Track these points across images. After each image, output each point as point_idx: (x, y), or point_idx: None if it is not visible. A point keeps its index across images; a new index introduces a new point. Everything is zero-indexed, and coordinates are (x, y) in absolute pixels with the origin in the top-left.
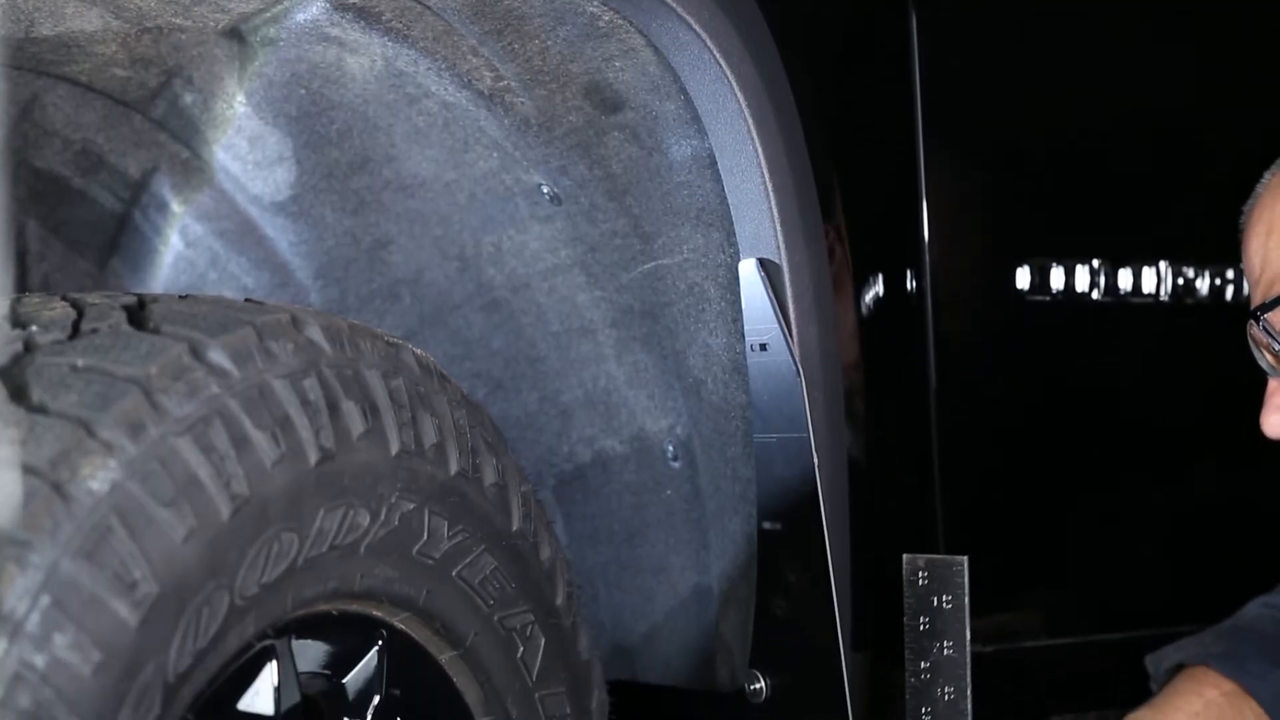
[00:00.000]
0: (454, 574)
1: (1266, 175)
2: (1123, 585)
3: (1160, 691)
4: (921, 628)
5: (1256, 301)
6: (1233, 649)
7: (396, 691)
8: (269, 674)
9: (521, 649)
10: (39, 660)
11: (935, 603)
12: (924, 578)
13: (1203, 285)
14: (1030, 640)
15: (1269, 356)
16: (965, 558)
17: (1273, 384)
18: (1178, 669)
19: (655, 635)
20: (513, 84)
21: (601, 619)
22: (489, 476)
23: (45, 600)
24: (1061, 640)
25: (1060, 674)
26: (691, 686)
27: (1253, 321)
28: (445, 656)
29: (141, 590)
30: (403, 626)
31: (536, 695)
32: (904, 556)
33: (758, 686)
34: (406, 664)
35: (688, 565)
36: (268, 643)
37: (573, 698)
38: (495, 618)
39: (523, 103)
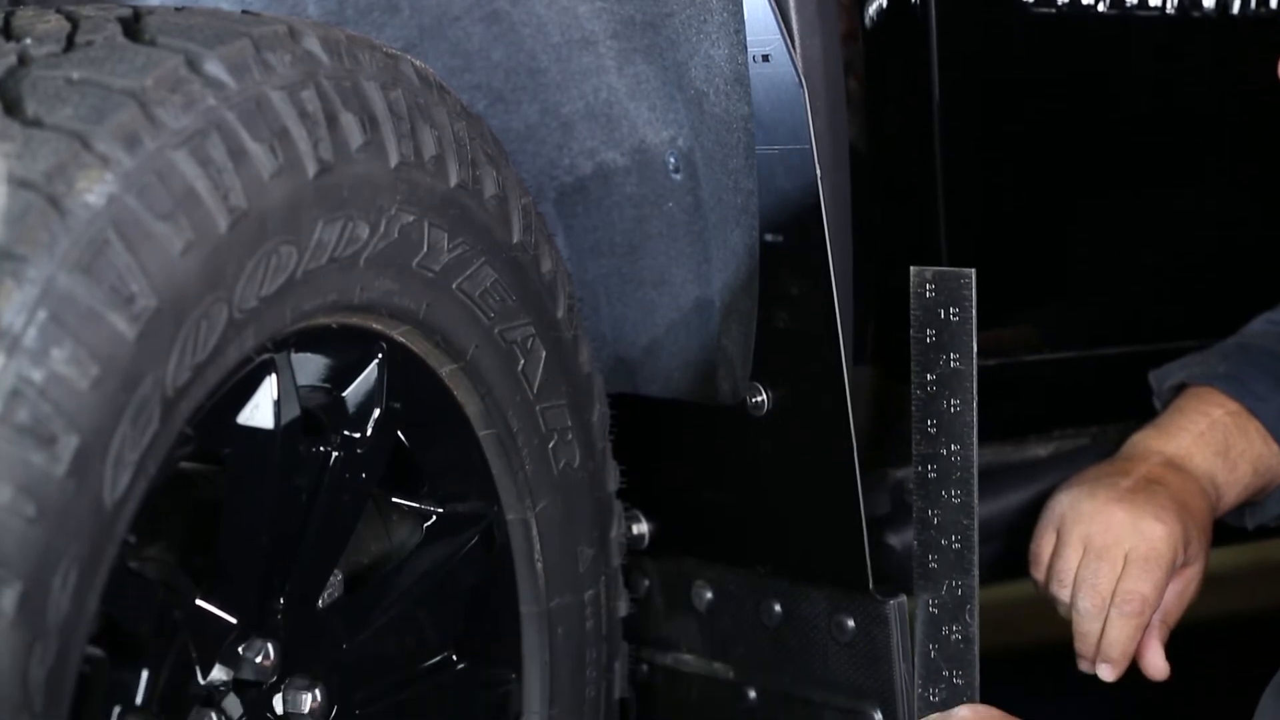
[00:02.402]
0: (454, 286)
1: None
2: (1126, 299)
3: (1165, 411)
4: (928, 340)
5: None
6: (1236, 369)
7: (396, 404)
8: (268, 387)
9: (522, 362)
10: (37, 375)
11: (942, 315)
12: (931, 290)
13: None
14: (1032, 354)
15: None
16: (973, 270)
17: None
18: (1181, 388)
19: (656, 348)
20: None
21: (602, 331)
22: (489, 189)
23: (42, 315)
24: (1063, 354)
25: (1062, 388)
26: (693, 399)
27: None
28: (446, 369)
29: (139, 304)
30: (403, 339)
31: (537, 408)
32: (911, 269)
33: (759, 399)
34: (406, 377)
35: (689, 278)
36: (267, 356)
37: (574, 410)
38: (496, 330)
39: None
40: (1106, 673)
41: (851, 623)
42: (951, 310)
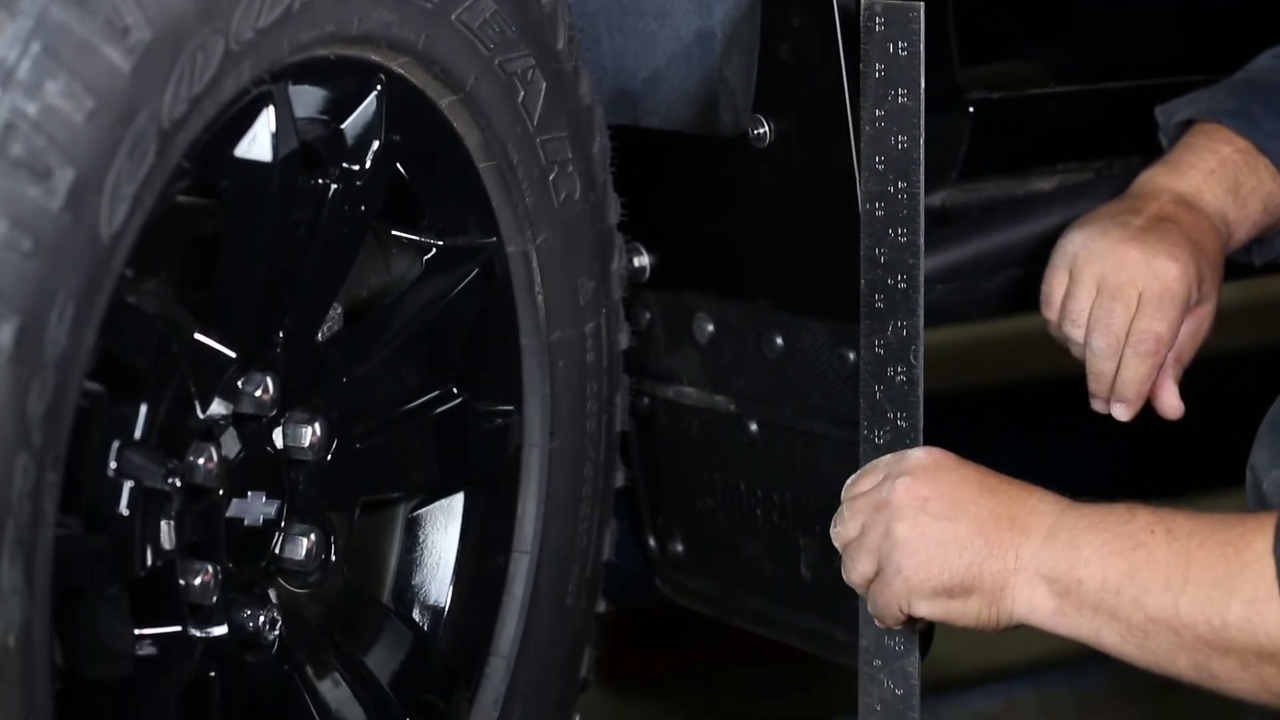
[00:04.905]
0: (453, 17)
1: None
2: (1130, 33)
3: (1174, 148)
4: (877, 75)
5: None
6: (1245, 106)
7: (396, 137)
8: (266, 120)
9: (522, 93)
10: (31, 108)
11: (891, 50)
12: (880, 23)
13: None
14: (1035, 87)
15: None
16: (922, 4)
17: None
18: (1188, 124)
19: (657, 79)
20: None
21: (603, 63)
22: None
23: (36, 47)
24: (1067, 88)
25: (1066, 122)
26: (694, 131)
27: None
28: (445, 101)
29: (134, 36)
30: (402, 71)
31: (537, 140)
32: (861, 1)
33: (761, 131)
34: (406, 109)
35: (691, 9)
36: (264, 88)
37: (574, 142)
38: (495, 62)
39: None
40: (1121, 412)
41: (853, 355)
42: (900, 45)
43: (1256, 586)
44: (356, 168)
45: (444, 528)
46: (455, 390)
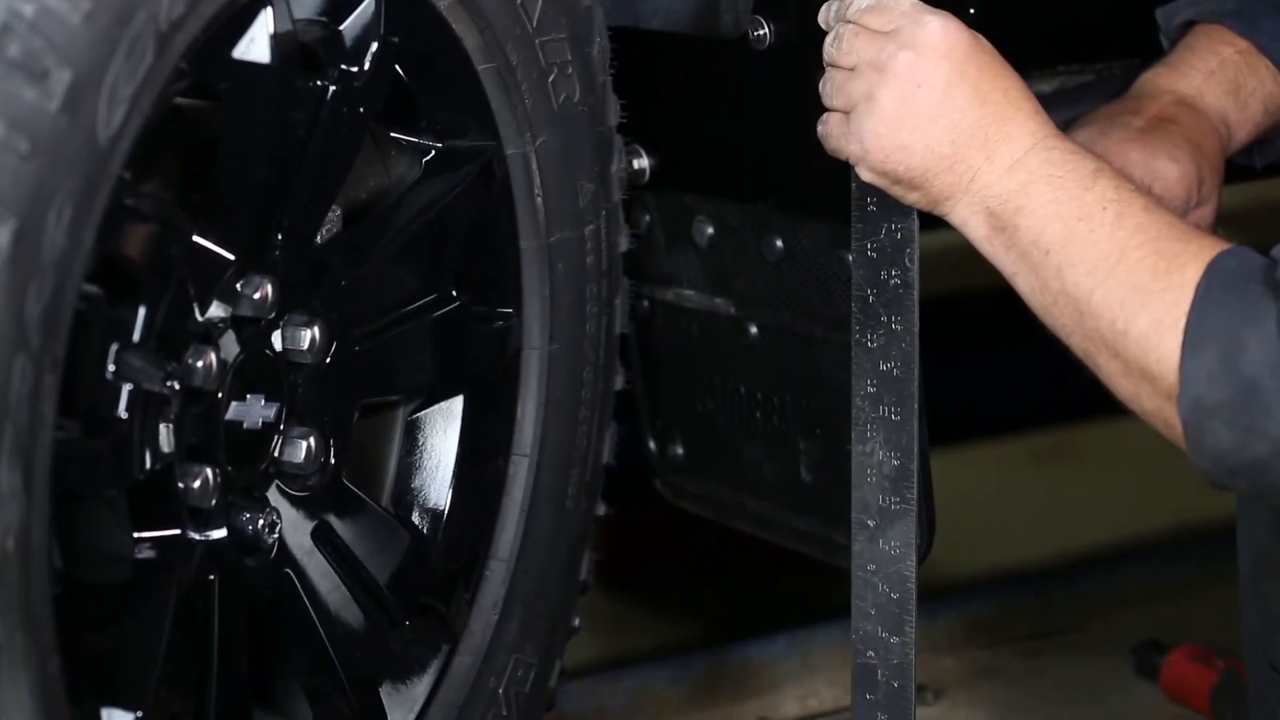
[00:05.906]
0: None
1: None
2: None
3: (1174, 50)
4: None
5: None
6: (1246, 6)
7: (395, 39)
8: (264, 21)
9: None
10: (28, 9)
11: None
12: None
13: None
14: None
15: None
16: None
17: None
18: (1189, 25)
19: None
20: None
21: None
22: None
23: None
24: None
25: (1065, 24)
26: (694, 32)
27: None
28: (444, 2)
29: None
30: None
31: (537, 41)
32: None
33: (761, 32)
34: (404, 10)
35: None
36: None
37: (574, 44)
38: None
39: None
40: None
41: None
42: None
43: (1168, 311)
44: (355, 69)
45: (443, 431)
46: (454, 293)
